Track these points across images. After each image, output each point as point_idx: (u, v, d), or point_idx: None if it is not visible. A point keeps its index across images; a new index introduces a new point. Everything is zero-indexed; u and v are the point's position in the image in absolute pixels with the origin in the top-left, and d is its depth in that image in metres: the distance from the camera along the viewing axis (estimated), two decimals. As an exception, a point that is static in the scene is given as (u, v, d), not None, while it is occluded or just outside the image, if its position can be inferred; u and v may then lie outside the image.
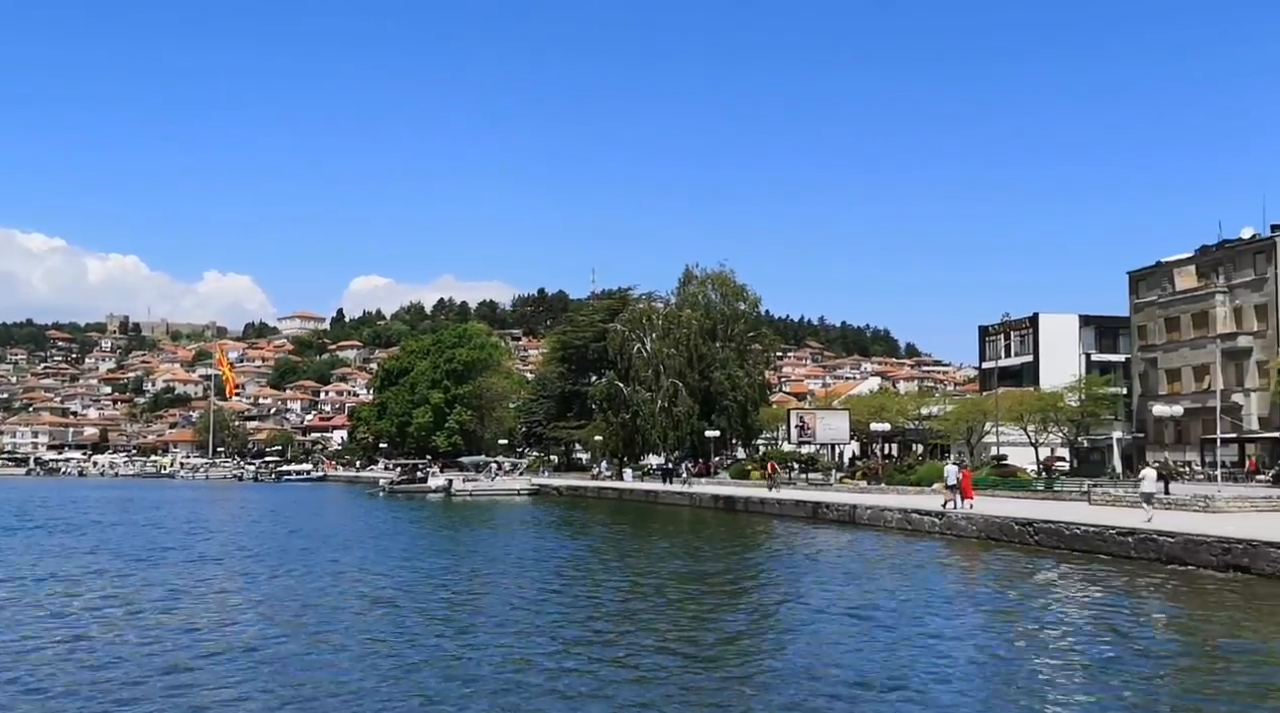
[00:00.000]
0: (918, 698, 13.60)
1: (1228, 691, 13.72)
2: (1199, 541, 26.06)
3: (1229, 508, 33.76)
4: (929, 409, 79.79)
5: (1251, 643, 17.00)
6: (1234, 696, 13.46)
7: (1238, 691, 13.71)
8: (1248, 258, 70.14)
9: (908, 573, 27.15)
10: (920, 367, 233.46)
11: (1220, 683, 14.16)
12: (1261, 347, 67.24)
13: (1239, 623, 18.90)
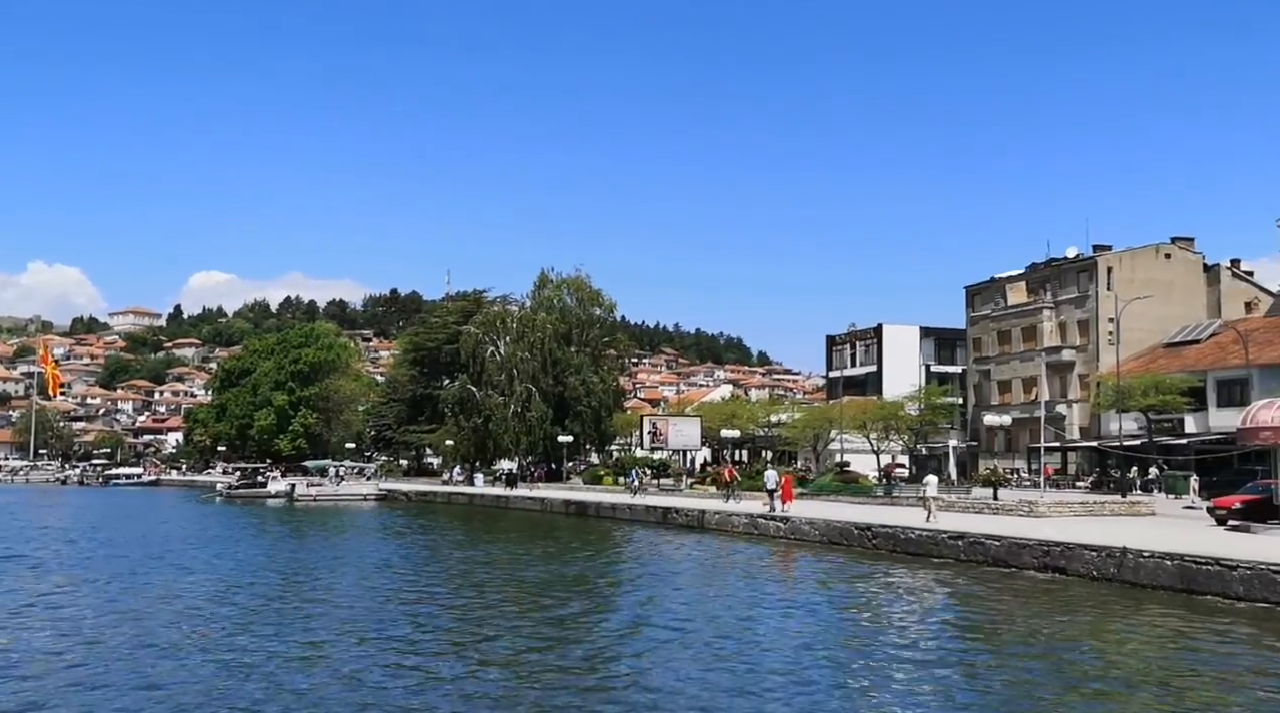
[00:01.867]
0: (752, 699, 13.72)
1: (1040, 683, 14.36)
2: (1022, 544, 27.33)
3: (1051, 513, 35.57)
4: (779, 416, 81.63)
5: (1065, 640, 17.86)
6: (1049, 687, 14.10)
7: (1052, 683, 14.37)
8: (1072, 276, 74.37)
9: (750, 576, 27.63)
10: (772, 374, 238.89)
11: (1035, 677, 14.81)
12: (1083, 360, 71.37)
13: (1053, 620, 19.84)
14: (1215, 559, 21.88)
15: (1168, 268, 73.08)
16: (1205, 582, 21.77)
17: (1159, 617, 19.99)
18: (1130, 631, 18.91)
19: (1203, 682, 14.63)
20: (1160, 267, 72.86)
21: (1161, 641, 17.87)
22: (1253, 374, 55.67)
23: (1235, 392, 56.16)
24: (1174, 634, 18.28)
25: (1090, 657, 16.54)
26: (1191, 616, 19.83)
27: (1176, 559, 22.71)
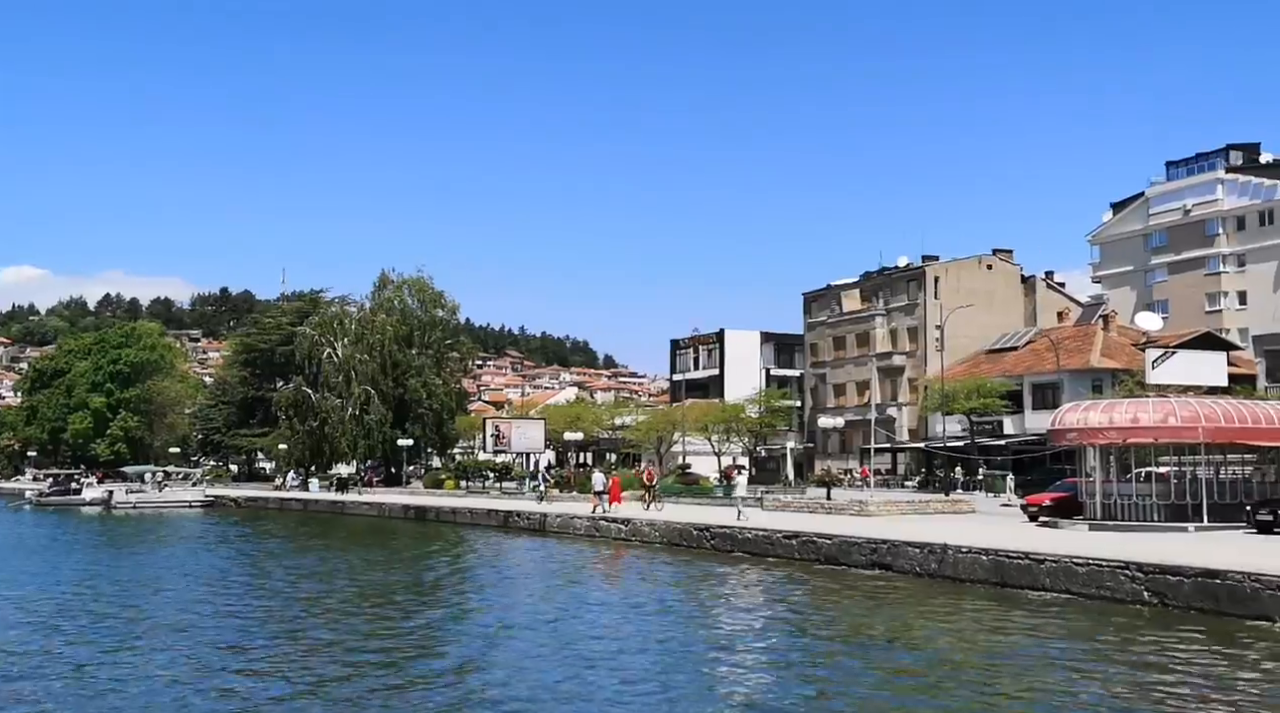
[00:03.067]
0: (591, 699, 13.63)
1: (864, 674, 14.81)
2: (852, 542, 28.24)
3: (880, 512, 36.90)
4: (623, 419, 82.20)
5: (885, 633, 18.51)
6: (870, 677, 14.55)
7: (870, 676, 14.84)
8: (903, 285, 77.68)
9: (588, 578, 27.62)
10: (618, 377, 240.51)
11: (854, 672, 15.26)
12: (912, 365, 74.55)
13: (876, 615, 20.55)
14: (1025, 554, 23.10)
15: (989, 278, 77.11)
16: (1017, 575, 22.94)
17: (974, 609, 20.95)
18: (947, 623, 19.74)
19: (1012, 669, 15.37)
20: (983, 277, 76.81)
21: (975, 631, 18.71)
22: (1063, 379, 59.30)
23: (1048, 395, 59.67)
24: (989, 625, 19.19)
25: (907, 650, 17.15)
26: (1003, 607, 20.87)
27: (991, 555, 23.87)
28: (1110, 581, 20.94)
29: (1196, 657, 15.97)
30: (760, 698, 13.97)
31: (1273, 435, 30.63)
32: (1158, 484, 31.10)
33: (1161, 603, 19.84)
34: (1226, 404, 31.00)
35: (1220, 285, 78.29)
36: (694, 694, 14.08)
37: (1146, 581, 20.32)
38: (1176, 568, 19.98)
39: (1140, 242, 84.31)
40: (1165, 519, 29.19)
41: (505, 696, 13.96)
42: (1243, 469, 34.68)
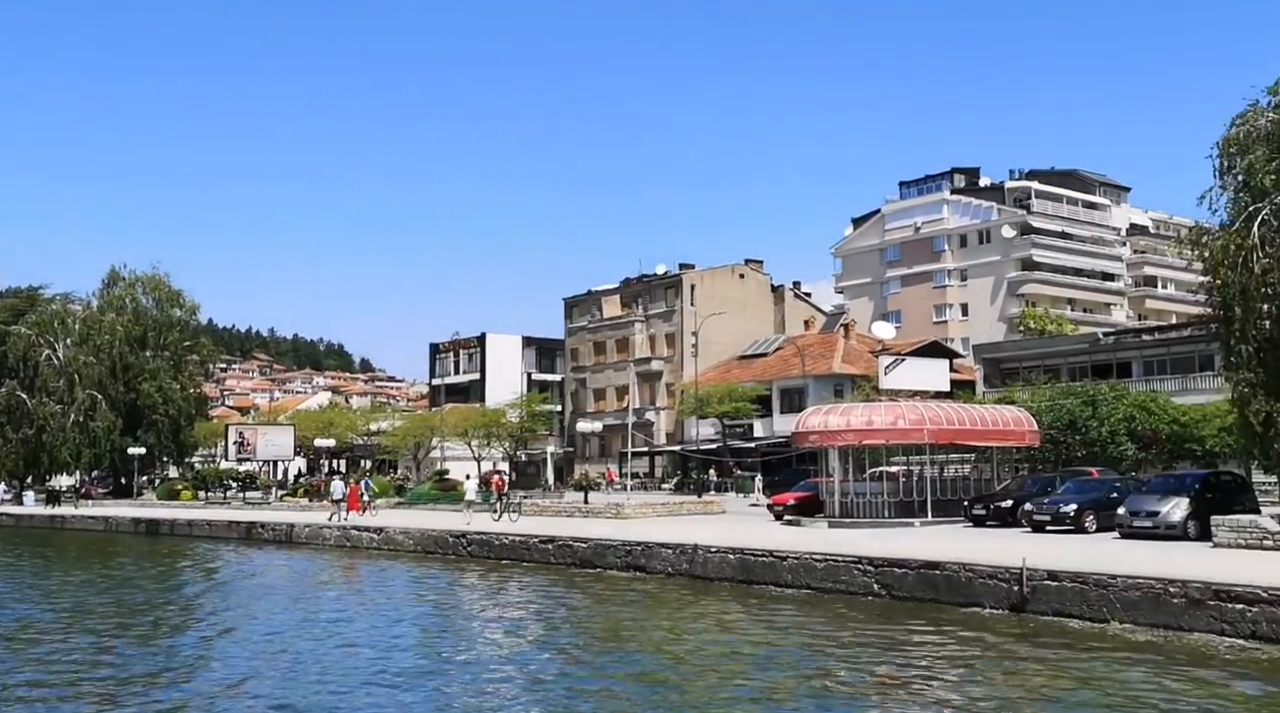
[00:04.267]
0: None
1: (617, 673, 14.85)
2: (607, 545, 28.48)
3: (636, 514, 37.48)
4: (379, 425, 79.75)
5: (637, 634, 18.71)
6: (614, 677, 14.60)
7: (621, 677, 14.91)
8: (661, 291, 79.67)
9: (326, 592, 26.46)
10: (374, 382, 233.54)
11: (604, 672, 15.30)
12: (670, 370, 76.52)
13: (628, 615, 20.77)
14: (769, 552, 24.03)
15: (742, 286, 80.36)
16: (762, 572, 23.83)
17: (720, 606, 21.56)
18: (695, 621, 20.20)
19: (751, 661, 15.86)
20: (736, 285, 79.93)
21: (722, 628, 19.23)
22: (808, 384, 62.56)
23: (794, 399, 62.73)
24: (733, 621, 19.78)
25: (656, 650, 17.37)
26: (747, 603, 21.60)
27: (738, 553, 24.69)
28: (845, 575, 22.09)
29: (914, 641, 17.08)
30: (513, 701, 13.70)
31: (988, 436, 33.43)
32: (889, 483, 33.23)
33: (890, 594, 21.11)
34: (949, 408, 33.55)
35: (946, 298, 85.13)
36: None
37: (877, 574, 21.57)
38: (902, 561, 21.32)
39: (877, 255, 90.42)
40: (895, 515, 31.20)
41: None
42: (962, 468, 37.72)
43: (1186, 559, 19.23)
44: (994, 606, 19.20)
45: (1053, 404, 40.49)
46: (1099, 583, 17.86)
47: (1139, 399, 40.52)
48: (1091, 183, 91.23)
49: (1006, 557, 19.92)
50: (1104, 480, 30.30)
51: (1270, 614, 15.64)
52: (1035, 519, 27.35)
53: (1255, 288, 22.21)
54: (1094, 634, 17.02)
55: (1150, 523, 24.30)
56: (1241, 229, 22.51)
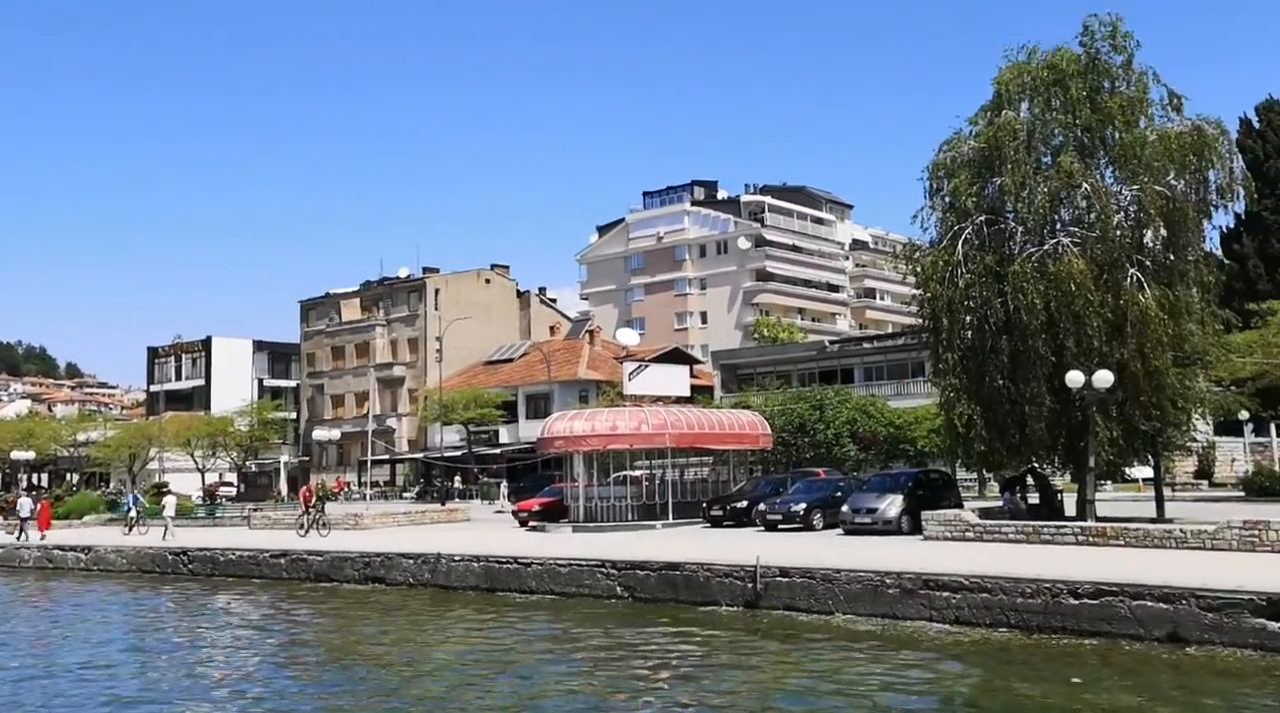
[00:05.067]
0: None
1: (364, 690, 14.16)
2: (344, 557, 27.31)
3: (376, 524, 36.24)
4: (89, 434, 73.17)
5: (374, 647, 17.98)
6: (355, 695, 13.94)
7: (358, 691, 14.24)
8: (404, 295, 77.75)
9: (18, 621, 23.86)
10: (83, 388, 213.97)
11: (337, 689, 14.58)
12: (413, 376, 74.75)
13: (365, 629, 19.95)
14: (514, 558, 23.82)
15: (488, 291, 79.77)
16: (506, 579, 23.57)
17: (463, 615, 21.11)
18: (439, 631, 19.67)
19: (498, 668, 15.58)
20: (481, 290, 79.23)
21: (465, 637, 18.81)
22: (554, 389, 62.82)
23: (540, 405, 62.81)
24: (475, 629, 19.39)
25: (389, 664, 16.75)
26: (492, 611, 21.28)
27: (482, 561, 24.31)
28: (589, 579, 22.21)
29: (654, 641, 17.39)
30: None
31: (725, 440, 34.73)
32: (632, 486, 33.82)
33: (632, 596, 21.41)
34: (690, 412, 34.59)
35: (687, 305, 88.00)
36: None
37: (620, 576, 21.82)
38: (644, 563, 21.68)
39: (622, 263, 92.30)
40: (638, 519, 31.79)
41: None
42: (701, 470, 39.00)
43: (901, 553, 20.64)
44: (730, 603, 19.86)
45: (784, 408, 42.70)
46: (825, 578, 18.84)
47: (860, 403, 43.43)
48: (819, 199, 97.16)
49: (741, 556, 20.66)
50: (830, 480, 32.17)
51: (971, 600, 17.02)
52: (768, 519, 28.61)
53: (959, 301, 24.20)
54: (821, 626, 17.93)
55: (870, 519, 25.98)
56: (948, 246, 24.47)
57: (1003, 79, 24.75)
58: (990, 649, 15.66)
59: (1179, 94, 23.85)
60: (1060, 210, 24.21)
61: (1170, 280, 23.42)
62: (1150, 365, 22.49)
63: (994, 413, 23.85)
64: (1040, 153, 24.57)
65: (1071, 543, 20.83)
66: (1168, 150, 23.22)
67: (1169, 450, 26.77)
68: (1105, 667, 14.31)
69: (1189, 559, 17.93)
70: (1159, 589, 15.29)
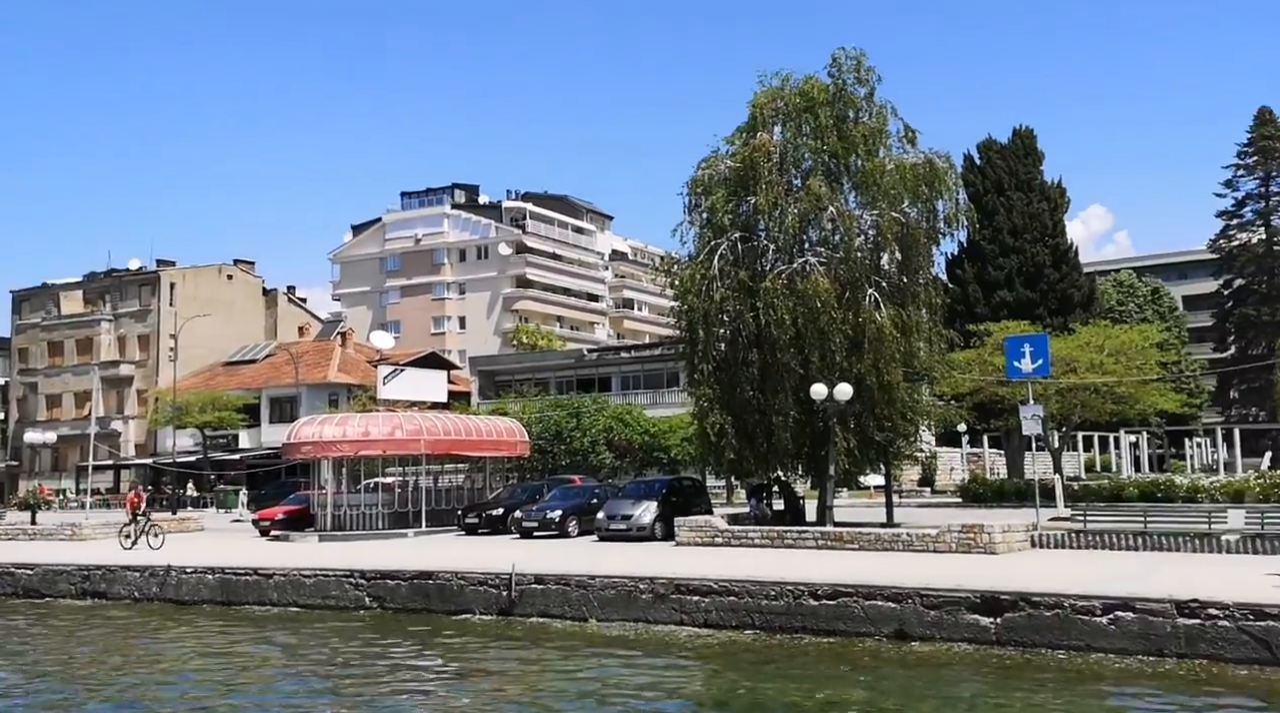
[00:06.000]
0: None
1: None
2: (58, 570, 24.91)
3: (98, 535, 33.25)
4: None
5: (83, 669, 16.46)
6: None
7: None
8: (134, 289, 72.20)
9: None
10: None
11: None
12: (143, 376, 69.50)
13: (79, 649, 18.25)
14: (254, 570, 22.48)
15: (230, 288, 75.42)
16: (244, 592, 22.21)
17: (195, 631, 19.70)
18: (165, 648, 18.23)
19: (230, 686, 14.60)
20: (223, 286, 74.84)
21: (194, 654, 17.53)
22: (302, 392, 60.08)
23: (286, 409, 59.95)
24: (206, 646, 18.12)
25: (101, 685, 15.38)
26: (229, 625, 19.97)
27: (218, 573, 22.80)
28: (336, 590, 21.28)
29: (403, 652, 16.87)
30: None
31: (482, 446, 34.32)
32: (384, 494, 32.81)
33: (382, 607, 20.69)
34: (446, 418, 33.94)
35: (445, 310, 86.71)
36: None
37: (369, 587, 21.05)
38: (395, 573, 21.02)
39: (377, 264, 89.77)
40: (389, 526, 30.85)
41: None
42: (456, 477, 38.38)
43: (654, 558, 21.05)
44: (484, 611, 19.56)
45: (542, 415, 42.77)
46: (580, 584, 18.90)
47: (617, 411, 44.15)
48: (580, 209, 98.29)
49: (496, 563, 20.43)
50: (586, 487, 32.45)
51: (720, 603, 17.56)
52: (524, 526, 28.48)
53: (715, 314, 25.04)
54: (575, 632, 17.96)
55: (625, 526, 26.37)
56: (705, 261, 25.27)
57: (758, 102, 25.80)
58: (737, 650, 16.19)
59: (914, 128, 25.66)
60: (809, 231, 25.51)
61: (903, 301, 25.13)
62: (884, 380, 24.03)
63: (744, 422, 24.79)
64: (791, 175, 25.77)
65: (812, 547, 21.94)
66: (904, 180, 24.91)
67: (899, 460, 28.72)
68: (840, 663, 15.10)
69: (915, 561, 19.27)
70: (888, 590, 16.32)
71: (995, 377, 36.06)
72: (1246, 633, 13.69)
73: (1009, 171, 53.32)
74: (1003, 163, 53.54)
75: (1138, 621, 14.36)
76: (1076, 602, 14.84)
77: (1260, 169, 74.11)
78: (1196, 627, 14.00)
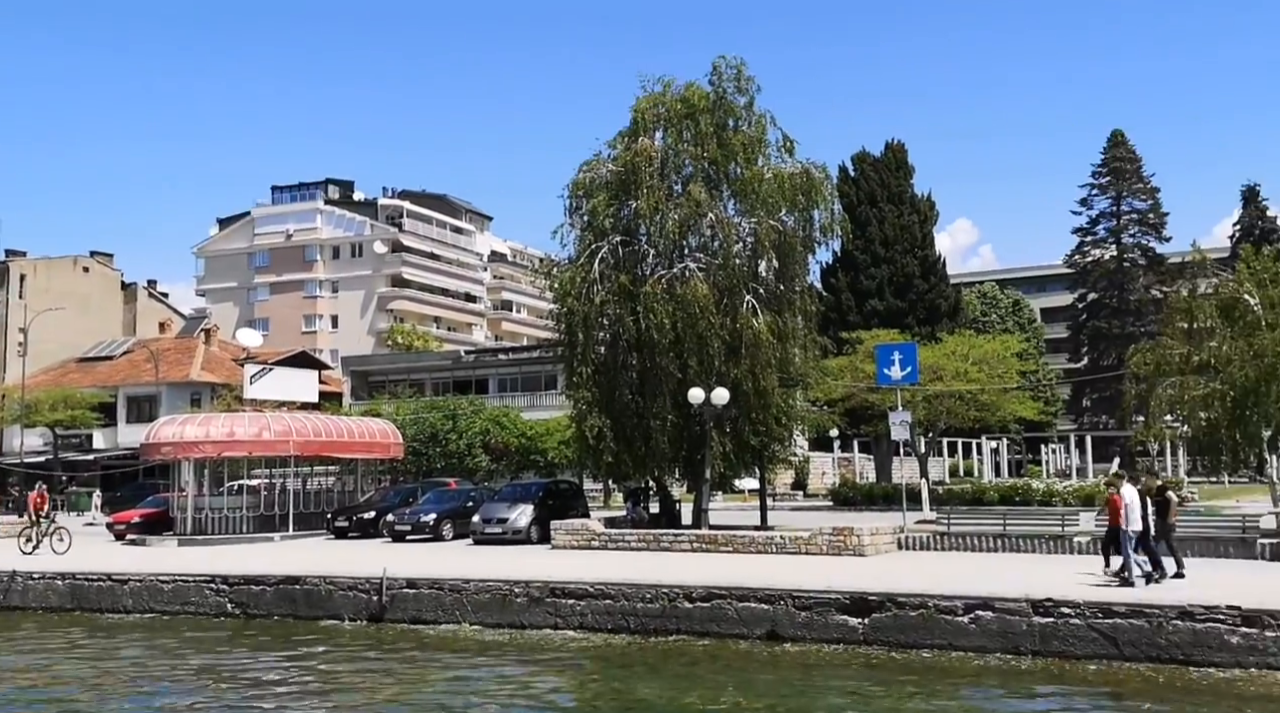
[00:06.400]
0: None
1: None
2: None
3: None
4: None
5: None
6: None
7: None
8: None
9: None
10: None
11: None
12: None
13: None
14: (107, 575, 21.42)
15: (86, 281, 71.82)
16: (97, 598, 21.15)
17: (39, 641, 18.63)
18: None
19: (55, 706, 13.85)
20: (79, 279, 71.22)
21: (37, 668, 16.57)
22: (162, 391, 57.50)
23: (145, 408, 57.28)
24: (49, 657, 17.15)
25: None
26: (76, 634, 18.95)
27: (68, 579, 21.65)
28: (196, 596, 20.46)
29: (266, 660, 16.30)
30: None
31: (353, 448, 33.47)
32: (249, 496, 31.69)
33: (245, 613, 19.97)
34: (316, 419, 32.99)
35: (317, 308, 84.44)
36: None
37: (232, 592, 20.29)
38: (260, 578, 20.32)
39: (245, 259, 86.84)
40: (255, 530, 29.83)
41: None
42: (326, 480, 37.35)
43: (530, 562, 20.87)
44: (354, 617, 19.08)
45: (417, 417, 41.98)
46: (454, 588, 18.60)
47: (494, 414, 43.67)
48: (459, 209, 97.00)
49: (367, 568, 19.95)
50: (461, 490, 31.98)
51: (596, 607, 17.52)
52: (397, 529, 27.90)
53: (595, 317, 25.01)
54: (447, 638, 17.66)
55: (500, 529, 26.11)
56: (585, 264, 25.21)
57: (640, 107, 25.90)
58: (612, 654, 16.17)
59: (792, 138, 26.15)
60: (689, 236, 25.70)
61: (780, 308, 25.58)
62: (760, 385, 24.39)
63: (622, 426, 24.83)
64: (673, 181, 25.95)
65: (688, 550, 22.11)
66: (781, 189, 25.33)
67: (773, 464, 29.17)
68: (713, 665, 15.23)
69: (787, 563, 19.61)
70: (761, 592, 16.56)
71: (866, 383, 37.07)
72: (1095, 630, 14.36)
73: (881, 184, 54.93)
74: (875, 175, 55.12)
75: (996, 619, 14.91)
76: (940, 602, 15.32)
77: (1112, 189, 78.24)
78: (1050, 625, 14.62)
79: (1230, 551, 19.95)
